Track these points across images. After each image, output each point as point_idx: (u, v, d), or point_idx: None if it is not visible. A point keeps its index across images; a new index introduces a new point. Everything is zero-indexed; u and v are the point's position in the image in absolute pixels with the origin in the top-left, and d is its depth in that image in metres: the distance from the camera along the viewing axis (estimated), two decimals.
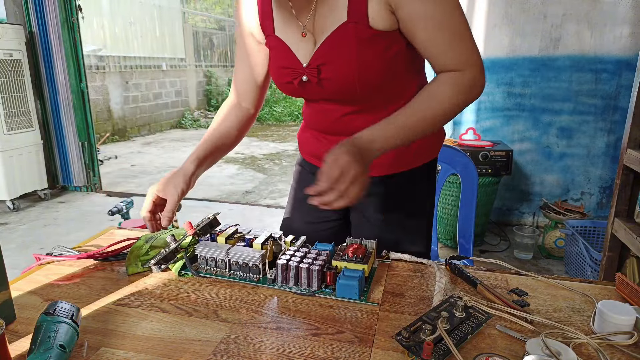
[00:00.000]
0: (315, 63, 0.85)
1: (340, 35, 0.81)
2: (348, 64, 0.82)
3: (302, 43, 0.86)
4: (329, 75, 0.84)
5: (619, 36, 2.87)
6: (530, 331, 0.64)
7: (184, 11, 9.06)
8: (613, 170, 3.08)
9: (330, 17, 0.82)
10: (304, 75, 0.86)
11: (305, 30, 0.85)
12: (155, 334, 0.63)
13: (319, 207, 1.01)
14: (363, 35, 0.80)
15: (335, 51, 0.82)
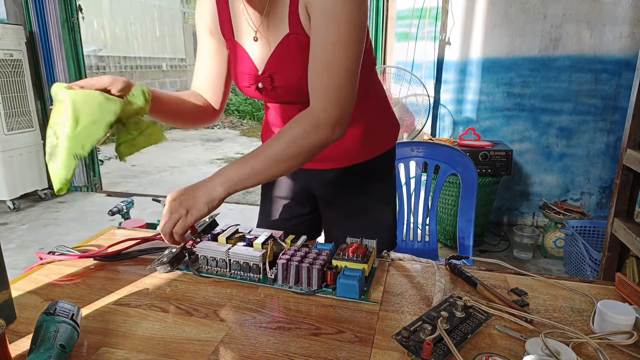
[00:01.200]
0: (268, 71, 0.89)
1: (285, 46, 0.86)
2: (295, 72, 0.86)
3: (257, 49, 0.89)
4: (280, 83, 0.89)
5: (619, 36, 2.87)
6: (530, 331, 0.64)
7: (184, 11, 9.06)
8: (613, 170, 3.08)
9: (278, 28, 0.86)
10: (259, 82, 0.91)
11: (257, 35, 0.88)
12: (156, 333, 0.63)
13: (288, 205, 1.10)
14: (303, 43, 0.83)
15: (283, 61, 0.87)
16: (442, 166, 1.62)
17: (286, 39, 0.85)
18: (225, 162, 5.68)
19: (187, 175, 4.99)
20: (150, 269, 0.82)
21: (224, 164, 5.62)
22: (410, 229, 1.69)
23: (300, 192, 1.10)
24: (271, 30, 0.87)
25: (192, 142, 7.05)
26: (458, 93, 3.19)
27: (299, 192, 1.10)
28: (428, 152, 1.64)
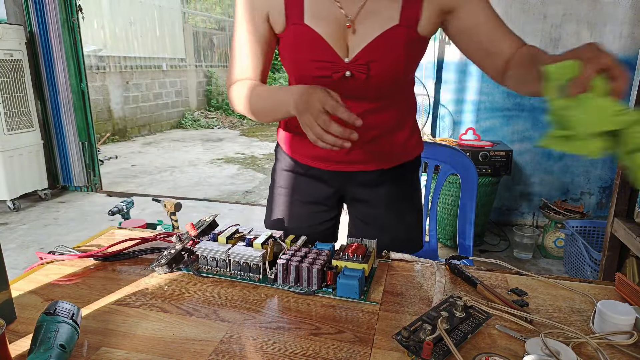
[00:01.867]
0: (363, 59, 0.84)
1: (390, 35, 0.83)
2: (396, 64, 0.86)
3: (340, 35, 0.84)
4: (377, 72, 0.85)
5: (619, 36, 2.87)
6: (530, 331, 0.64)
7: (184, 11, 9.06)
8: (612, 170, 3.08)
9: (381, 16, 0.83)
10: (347, 70, 0.85)
11: (350, 22, 0.83)
12: (156, 333, 0.63)
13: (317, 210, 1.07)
14: (411, 39, 0.85)
15: (385, 50, 0.84)
16: (442, 166, 1.62)
17: (393, 30, 0.83)
18: (225, 162, 5.68)
19: (187, 175, 4.99)
20: (150, 269, 0.82)
21: (224, 164, 5.62)
22: None
23: (332, 196, 1.07)
24: (369, 18, 0.83)
25: (192, 142, 7.05)
26: (458, 93, 3.19)
27: (331, 197, 1.07)
28: (428, 152, 1.64)
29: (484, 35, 0.85)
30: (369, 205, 1.06)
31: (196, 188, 4.46)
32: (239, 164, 5.54)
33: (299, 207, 1.08)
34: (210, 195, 4.22)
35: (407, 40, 0.84)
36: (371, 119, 0.92)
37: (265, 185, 4.57)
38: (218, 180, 4.76)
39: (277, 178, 1.10)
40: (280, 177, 1.09)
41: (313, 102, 0.73)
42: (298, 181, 1.06)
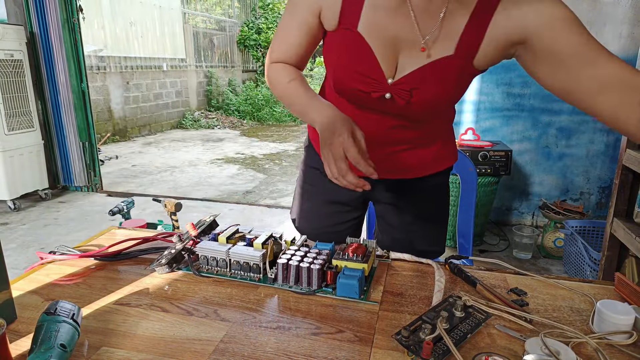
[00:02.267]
0: (408, 85, 0.80)
1: (442, 65, 0.78)
2: (443, 93, 0.81)
3: (391, 53, 0.80)
4: (418, 99, 0.81)
5: (619, 36, 2.87)
6: (530, 331, 0.64)
7: (184, 12, 9.06)
8: (612, 170, 3.08)
9: (438, 44, 0.78)
10: (388, 92, 0.81)
11: (424, 44, 0.78)
12: (156, 333, 0.63)
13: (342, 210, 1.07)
14: (465, 72, 0.80)
15: (433, 80, 0.79)
16: None
17: (447, 60, 0.78)
18: (225, 162, 5.68)
19: (187, 175, 4.99)
20: (150, 268, 0.82)
21: (224, 164, 5.62)
22: None
23: (358, 198, 1.06)
24: (433, 43, 0.78)
25: (193, 142, 7.05)
26: None
27: (357, 198, 1.06)
28: None
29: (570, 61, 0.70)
30: (396, 209, 1.06)
31: (196, 188, 4.47)
32: (239, 164, 5.54)
33: (324, 205, 1.08)
34: (210, 195, 4.23)
35: (460, 73, 0.80)
36: (402, 134, 0.90)
37: (265, 186, 4.57)
38: (218, 180, 4.76)
39: (305, 174, 1.10)
40: (308, 174, 1.09)
41: (336, 144, 0.71)
42: (325, 180, 1.03)
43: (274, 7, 10.95)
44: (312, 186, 1.08)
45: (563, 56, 0.71)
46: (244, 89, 10.02)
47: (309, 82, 10.44)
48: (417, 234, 1.06)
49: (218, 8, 10.84)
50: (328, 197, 1.07)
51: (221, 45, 10.18)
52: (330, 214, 1.08)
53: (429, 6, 0.75)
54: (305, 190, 1.10)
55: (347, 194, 1.04)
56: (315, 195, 1.08)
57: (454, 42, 0.77)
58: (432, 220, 1.08)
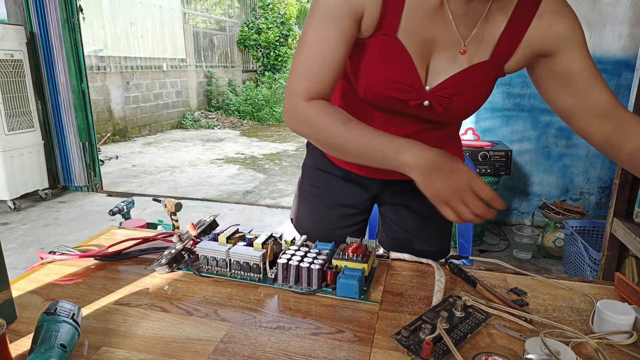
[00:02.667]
0: (447, 91, 0.78)
1: (479, 70, 0.78)
2: (480, 99, 0.82)
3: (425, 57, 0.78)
4: (456, 106, 0.80)
5: (619, 36, 2.87)
6: (530, 330, 0.64)
7: (184, 12, 9.06)
8: (612, 170, 3.08)
9: (479, 48, 0.78)
10: (426, 100, 0.79)
11: (465, 47, 0.77)
12: (156, 333, 0.63)
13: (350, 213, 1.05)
14: (497, 75, 0.81)
15: (469, 85, 0.79)
16: None
17: (482, 66, 0.78)
18: (225, 162, 5.68)
19: (187, 175, 4.99)
20: (150, 268, 0.82)
21: (224, 164, 5.63)
22: None
23: (367, 200, 1.05)
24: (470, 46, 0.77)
25: (193, 142, 7.05)
26: None
27: (367, 201, 1.05)
28: None
29: (580, 84, 0.76)
30: (405, 209, 1.05)
31: (196, 188, 4.47)
32: (239, 164, 5.54)
33: (330, 208, 1.05)
34: (210, 195, 4.23)
35: (493, 78, 0.81)
36: (424, 136, 0.89)
37: (265, 186, 4.57)
38: (218, 180, 4.76)
39: (310, 176, 1.06)
40: (314, 176, 1.05)
41: (461, 184, 0.68)
42: (333, 183, 1.03)
43: (274, 7, 10.96)
44: (318, 188, 1.06)
45: (576, 78, 0.76)
46: (244, 89, 10.02)
47: None
48: (425, 234, 1.05)
49: (218, 8, 10.84)
50: (336, 200, 1.04)
51: (221, 45, 10.18)
52: (337, 216, 1.06)
53: (468, 10, 0.74)
54: (310, 193, 1.07)
55: (355, 196, 1.03)
56: (323, 198, 1.05)
57: (491, 46, 0.77)
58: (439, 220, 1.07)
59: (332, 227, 1.06)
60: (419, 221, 1.05)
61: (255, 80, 11.00)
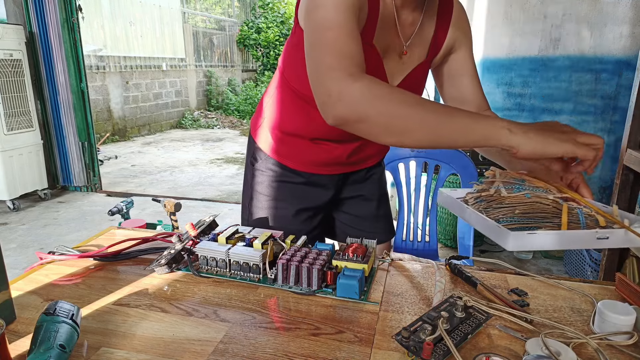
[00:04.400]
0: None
1: (421, 69, 0.92)
2: (421, 93, 0.93)
3: (394, 63, 0.88)
4: None
5: (619, 36, 2.87)
6: (530, 331, 0.64)
7: (184, 11, 9.06)
8: (613, 170, 3.08)
9: (417, 49, 0.90)
10: None
11: (406, 49, 0.88)
12: (156, 333, 0.63)
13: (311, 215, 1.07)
14: (426, 74, 0.95)
15: (417, 83, 0.93)
16: (442, 166, 1.62)
17: (423, 65, 0.92)
18: (225, 162, 5.68)
19: (187, 175, 4.99)
20: (149, 269, 0.82)
21: (224, 164, 5.62)
22: (410, 229, 1.69)
23: (330, 199, 1.07)
24: (411, 49, 0.89)
25: (192, 142, 7.05)
26: None
27: (329, 200, 1.07)
28: (428, 152, 1.64)
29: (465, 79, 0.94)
30: (362, 199, 1.12)
31: (196, 188, 4.46)
32: (239, 164, 5.53)
33: (292, 215, 1.03)
34: (210, 195, 4.22)
35: (426, 75, 0.95)
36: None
37: None
38: (218, 180, 4.76)
39: (261, 188, 1.04)
40: (268, 188, 1.03)
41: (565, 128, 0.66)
42: (293, 191, 1.03)
43: (273, 7, 10.96)
44: (274, 200, 1.03)
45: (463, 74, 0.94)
46: (244, 88, 10.02)
47: None
48: (381, 219, 1.15)
49: (218, 7, 10.83)
50: (298, 205, 1.03)
51: (221, 44, 10.18)
52: (298, 222, 1.04)
53: (409, 19, 0.86)
54: (268, 207, 1.04)
55: (318, 198, 1.06)
56: (281, 207, 1.03)
57: (426, 48, 0.91)
58: (385, 205, 1.17)
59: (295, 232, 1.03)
60: (375, 206, 1.13)
61: (255, 79, 11.00)
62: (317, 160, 1.00)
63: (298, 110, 0.94)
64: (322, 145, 0.98)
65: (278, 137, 1.00)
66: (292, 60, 0.91)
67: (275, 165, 1.02)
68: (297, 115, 0.95)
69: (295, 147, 0.99)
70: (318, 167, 1.01)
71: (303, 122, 0.95)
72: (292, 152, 1.00)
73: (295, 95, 0.93)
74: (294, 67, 0.91)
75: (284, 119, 0.97)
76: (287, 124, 0.97)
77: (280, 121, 0.98)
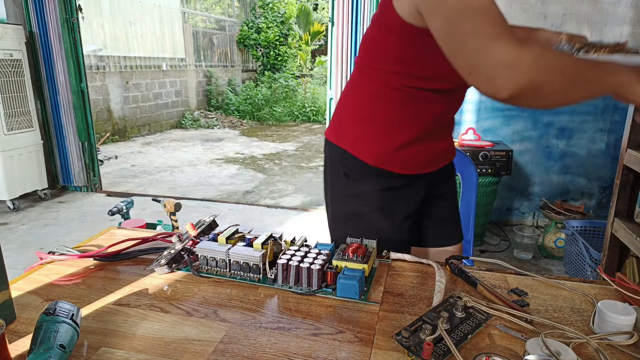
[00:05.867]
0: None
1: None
2: None
3: None
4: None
5: (619, 36, 2.87)
6: (530, 331, 0.64)
7: (184, 11, 9.05)
8: (613, 170, 3.08)
9: None
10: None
11: None
12: (156, 333, 0.63)
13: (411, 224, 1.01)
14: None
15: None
16: None
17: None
18: (225, 162, 5.68)
19: (187, 175, 4.99)
20: (149, 269, 0.82)
21: (224, 164, 5.62)
22: None
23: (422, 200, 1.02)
24: None
25: (192, 142, 7.05)
26: None
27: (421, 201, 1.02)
28: None
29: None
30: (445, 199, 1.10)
31: (196, 188, 4.46)
32: (239, 164, 5.54)
33: (397, 225, 0.99)
34: (210, 195, 4.22)
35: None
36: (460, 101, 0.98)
37: (264, 186, 4.57)
38: (218, 180, 4.76)
39: (362, 199, 0.98)
40: (377, 199, 0.97)
41: None
42: (398, 196, 0.98)
43: (273, 7, 10.95)
44: (388, 209, 0.98)
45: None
46: (244, 88, 10.01)
47: (309, 82, 10.24)
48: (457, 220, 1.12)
49: (218, 7, 10.83)
50: (403, 211, 0.99)
51: (221, 44, 10.18)
52: (406, 229, 1.00)
53: None
54: (375, 218, 0.98)
55: (416, 200, 1.00)
56: (391, 218, 0.98)
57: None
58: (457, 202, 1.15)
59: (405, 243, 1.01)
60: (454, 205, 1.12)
61: (255, 79, 10.99)
62: (421, 160, 0.97)
63: (408, 109, 0.91)
64: (427, 143, 0.95)
65: (384, 145, 0.94)
66: (407, 55, 0.85)
67: (377, 174, 0.95)
68: (407, 114, 0.91)
69: (406, 150, 0.94)
70: (421, 167, 0.98)
71: (412, 121, 0.92)
72: (399, 157, 0.94)
73: (404, 95, 0.89)
74: (411, 61, 0.86)
75: (392, 124, 0.92)
76: (395, 129, 0.93)
77: (388, 128, 0.93)
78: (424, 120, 0.93)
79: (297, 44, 11.67)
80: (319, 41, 12.40)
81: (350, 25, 3.19)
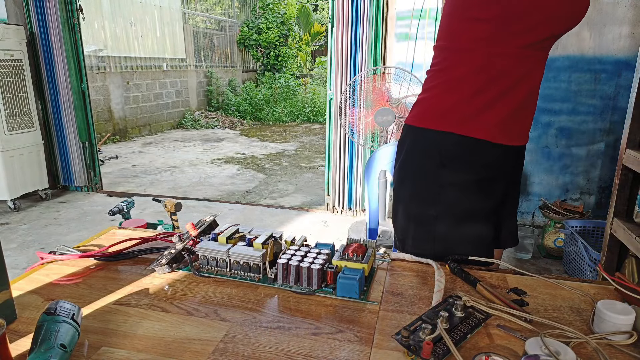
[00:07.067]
0: None
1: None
2: None
3: None
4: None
5: (618, 36, 2.87)
6: (530, 331, 0.64)
7: (184, 12, 9.06)
8: (612, 170, 3.08)
9: None
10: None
11: None
12: (156, 333, 0.63)
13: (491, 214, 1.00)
14: None
15: None
16: None
17: None
18: (225, 162, 5.68)
19: (187, 175, 4.99)
20: (150, 269, 0.82)
21: (224, 164, 5.62)
22: None
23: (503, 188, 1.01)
24: None
25: (193, 142, 7.05)
26: None
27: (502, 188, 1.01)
28: None
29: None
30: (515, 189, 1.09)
31: (196, 188, 4.47)
32: (239, 164, 5.54)
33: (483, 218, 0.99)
34: (210, 195, 4.23)
35: None
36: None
37: (265, 186, 4.57)
38: (218, 180, 4.76)
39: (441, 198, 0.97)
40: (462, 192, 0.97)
41: None
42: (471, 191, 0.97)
43: (273, 8, 10.96)
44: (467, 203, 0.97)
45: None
46: (244, 89, 10.02)
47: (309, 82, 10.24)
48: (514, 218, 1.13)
49: (218, 8, 10.83)
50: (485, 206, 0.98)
51: (221, 45, 10.18)
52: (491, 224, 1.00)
53: None
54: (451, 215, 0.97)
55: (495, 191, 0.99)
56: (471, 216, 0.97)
57: None
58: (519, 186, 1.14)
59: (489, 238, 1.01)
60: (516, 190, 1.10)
61: (255, 80, 11.00)
62: (516, 129, 0.98)
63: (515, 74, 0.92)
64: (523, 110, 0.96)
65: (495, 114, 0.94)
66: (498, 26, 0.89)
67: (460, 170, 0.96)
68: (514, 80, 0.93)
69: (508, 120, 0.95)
70: (520, 138, 1.00)
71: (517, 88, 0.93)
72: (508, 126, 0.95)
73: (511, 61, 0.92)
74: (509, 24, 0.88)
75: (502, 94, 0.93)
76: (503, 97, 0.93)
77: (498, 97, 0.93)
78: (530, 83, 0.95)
79: (297, 45, 11.68)
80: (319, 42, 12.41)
81: (350, 25, 3.18)
